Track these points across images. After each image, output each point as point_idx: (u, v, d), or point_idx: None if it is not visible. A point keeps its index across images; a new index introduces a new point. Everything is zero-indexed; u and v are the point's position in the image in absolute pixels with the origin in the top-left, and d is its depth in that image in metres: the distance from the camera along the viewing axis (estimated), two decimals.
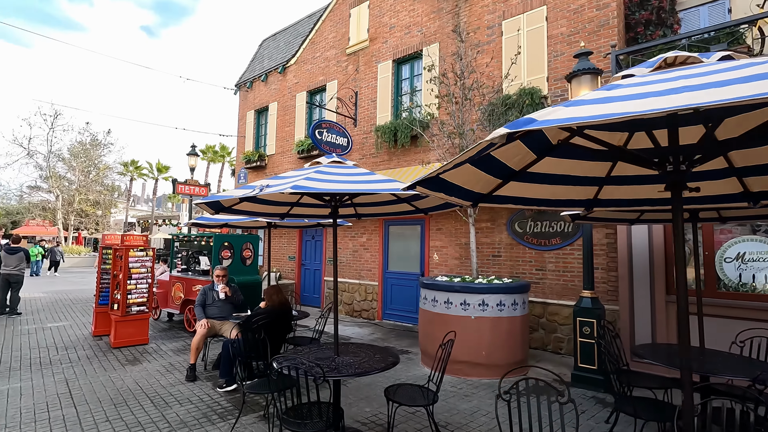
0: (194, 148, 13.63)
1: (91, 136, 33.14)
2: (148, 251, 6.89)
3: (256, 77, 13.14)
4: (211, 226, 6.76)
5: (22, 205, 37.10)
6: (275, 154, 12.14)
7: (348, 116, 9.92)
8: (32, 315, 9.04)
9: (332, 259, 10.45)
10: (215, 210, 3.77)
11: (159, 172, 38.83)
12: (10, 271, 8.67)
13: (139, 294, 6.71)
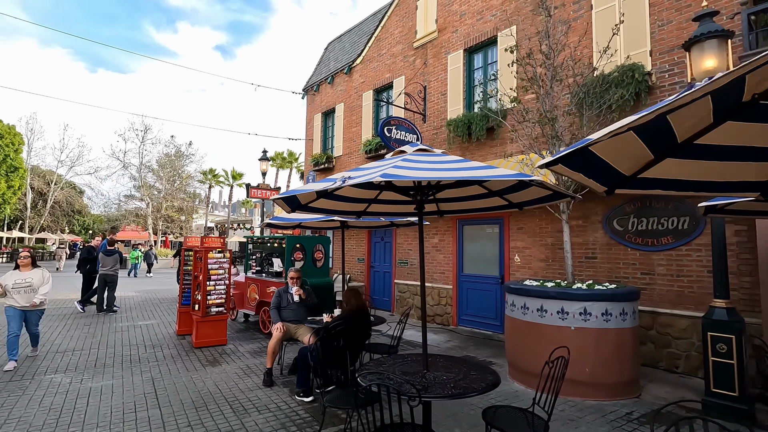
0: (265, 153, 14.04)
1: (175, 148, 36.07)
2: (226, 252, 6.99)
3: (322, 80, 13.22)
4: (284, 227, 6.69)
5: (120, 213, 41.38)
6: (342, 155, 12.07)
7: (417, 112, 9.51)
8: (126, 313, 9.69)
9: (403, 261, 10.13)
10: (291, 208, 3.53)
11: (234, 179, 41.26)
12: (107, 272, 9.36)
13: (217, 295, 6.81)
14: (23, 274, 5.58)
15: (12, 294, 5.44)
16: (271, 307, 5.56)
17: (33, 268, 5.69)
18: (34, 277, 5.60)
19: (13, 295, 5.45)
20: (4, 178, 31.32)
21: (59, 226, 43.43)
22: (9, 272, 5.60)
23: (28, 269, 5.65)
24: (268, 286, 7.87)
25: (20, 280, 5.50)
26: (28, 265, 5.66)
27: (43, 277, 5.71)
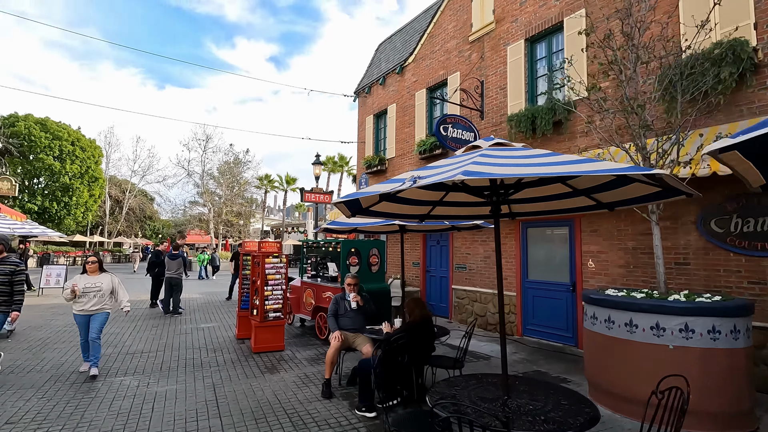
0: (318, 158, 14.14)
1: (234, 156, 37.81)
2: (282, 258, 6.94)
3: (373, 81, 13.07)
4: (340, 231, 6.51)
5: (185, 218, 44.11)
6: (395, 157, 11.81)
7: (474, 108, 9.03)
8: (190, 315, 10.04)
9: (460, 266, 9.66)
10: (352, 211, 3.28)
11: (287, 184, 42.57)
12: (172, 275, 9.76)
13: (275, 300, 6.77)
14: (92, 278, 5.42)
15: (80, 299, 5.28)
16: (328, 315, 5.38)
17: (101, 273, 5.55)
18: (103, 282, 5.45)
19: (81, 299, 5.28)
20: (87, 187, 34.44)
21: (133, 230, 47.14)
22: (77, 276, 5.48)
23: (96, 274, 5.50)
24: (323, 292, 7.76)
25: (90, 284, 5.36)
26: (96, 270, 5.51)
27: (113, 282, 5.56)
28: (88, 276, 5.45)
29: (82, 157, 33.50)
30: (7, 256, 5.17)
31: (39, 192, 31.53)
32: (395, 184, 2.48)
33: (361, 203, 3.27)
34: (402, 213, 3.84)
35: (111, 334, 7.71)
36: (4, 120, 30.68)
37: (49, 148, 31.28)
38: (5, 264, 5.07)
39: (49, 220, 31.83)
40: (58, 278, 12.96)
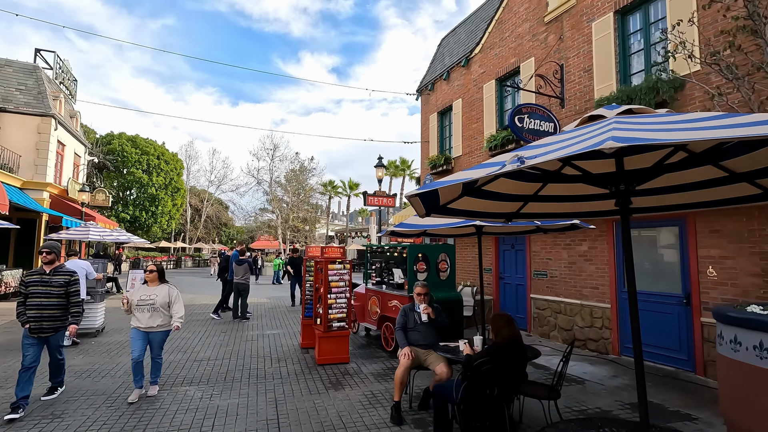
0: (381, 160, 13.73)
1: (299, 164, 39.02)
2: (346, 264, 6.54)
3: (437, 77, 12.43)
4: (407, 235, 5.95)
5: (256, 224, 46.37)
6: (462, 155, 11.06)
7: (553, 96, 8.06)
8: (257, 320, 10.05)
9: (540, 273, 8.67)
10: (427, 209, 2.70)
11: (350, 189, 43.08)
12: (239, 280, 9.83)
13: (338, 309, 6.37)
14: (149, 289, 4.85)
15: (134, 312, 4.76)
16: (397, 328, 4.83)
17: (160, 284, 4.94)
18: (158, 294, 4.79)
19: (136, 314, 4.75)
20: (170, 197, 37.37)
21: (210, 237, 50.52)
22: (138, 286, 5.00)
23: (155, 284, 4.93)
24: (389, 300, 7.24)
25: (145, 296, 4.77)
26: (155, 279, 4.95)
27: (170, 295, 4.85)
28: (147, 287, 4.90)
29: (166, 170, 36.42)
30: (61, 266, 4.65)
31: (131, 203, 34.73)
32: (490, 168, 1.86)
33: (440, 197, 2.68)
34: (484, 211, 3.18)
35: (182, 339, 7.81)
36: (101, 139, 34.28)
37: (138, 163, 34.37)
38: (59, 274, 4.55)
39: (139, 228, 34.93)
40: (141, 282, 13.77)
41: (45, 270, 4.53)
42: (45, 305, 4.41)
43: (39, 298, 4.40)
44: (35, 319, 4.36)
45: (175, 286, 5.03)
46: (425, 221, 4.29)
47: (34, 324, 4.35)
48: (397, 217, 12.74)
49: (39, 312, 4.38)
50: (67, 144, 18.14)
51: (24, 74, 16.39)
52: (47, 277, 4.49)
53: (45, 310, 4.40)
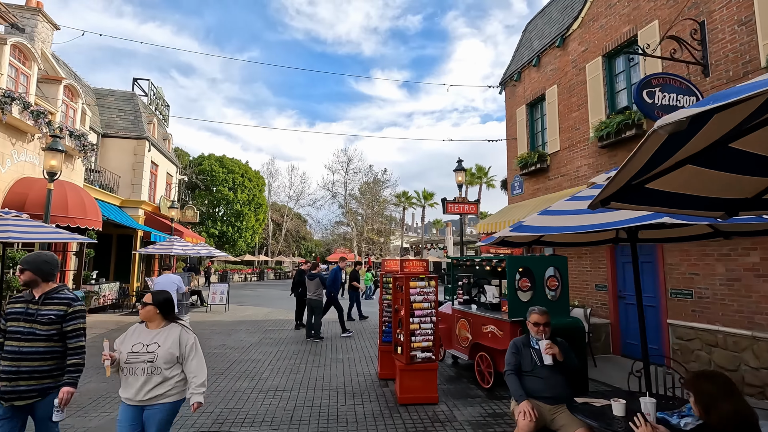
0: (460, 163, 12.45)
1: (373, 176, 38.92)
2: (431, 280, 5.38)
3: (524, 66, 10.92)
4: (520, 243, 4.61)
5: (332, 237, 47.10)
6: (560, 151, 9.39)
7: (691, 62, 6.25)
8: (331, 341, 9.23)
9: (682, 292, 6.69)
10: (621, 195, 1.46)
11: (425, 199, 41.94)
12: (311, 296, 9.12)
13: (423, 337, 5.21)
14: (146, 333, 2.86)
15: (122, 375, 2.78)
16: (507, 371, 3.54)
17: (165, 324, 2.92)
18: (162, 343, 2.79)
19: (124, 378, 2.78)
20: (253, 213, 39.28)
21: (291, 250, 52.43)
22: (134, 326, 2.97)
23: (156, 325, 2.90)
24: (483, 324, 5.92)
25: (139, 346, 2.78)
26: (155, 318, 2.89)
27: (181, 344, 2.84)
28: (143, 330, 2.90)
29: (249, 187, 38.39)
30: (56, 289, 2.90)
31: (219, 219, 37.04)
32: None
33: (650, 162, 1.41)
34: (701, 195, 1.82)
35: (250, 361, 7.18)
36: (193, 161, 37.17)
37: (225, 181, 36.64)
38: (52, 302, 2.83)
39: (226, 242, 37.06)
40: (222, 295, 13.87)
41: (34, 295, 2.84)
42: (25, 353, 2.70)
43: (18, 341, 2.71)
44: (8, 375, 2.67)
45: (190, 329, 3.00)
46: (547, 222, 3.00)
47: (6, 385, 2.67)
48: (483, 226, 11.32)
49: (15, 364, 2.68)
50: (160, 164, 19.39)
51: (123, 101, 17.84)
52: (34, 308, 2.79)
53: (24, 361, 2.69)
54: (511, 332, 5.40)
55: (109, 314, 12.78)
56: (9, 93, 9.01)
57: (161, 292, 3.03)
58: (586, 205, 2.98)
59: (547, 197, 9.49)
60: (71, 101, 12.29)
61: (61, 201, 9.95)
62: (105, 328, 10.31)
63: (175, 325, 2.93)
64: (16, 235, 5.64)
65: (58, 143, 8.37)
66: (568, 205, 3.01)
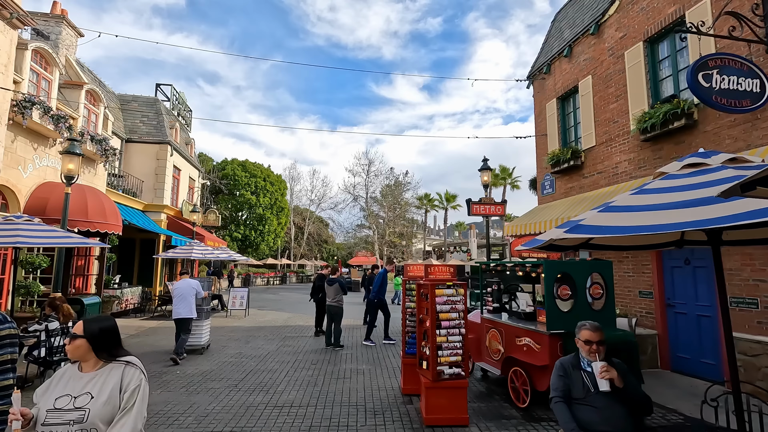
0: (486, 162, 11.86)
1: (394, 179, 38.47)
2: (459, 288, 4.86)
3: (554, 57, 10.26)
4: (565, 247, 4.05)
5: (354, 240, 46.86)
6: (596, 146, 8.70)
7: (753, 40, 5.53)
8: (352, 349, 8.80)
9: (745, 301, 5.79)
10: None
11: (447, 201, 41.18)
12: (330, 303, 8.71)
13: (451, 350, 4.69)
14: (79, 380, 1.98)
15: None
16: (553, 397, 3.00)
17: (103, 365, 2.03)
18: (96, 395, 1.92)
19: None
20: (275, 217, 39.44)
21: (313, 253, 52.49)
22: (62, 369, 2.10)
23: (91, 367, 2.03)
24: (517, 336, 5.36)
25: (64, 399, 1.91)
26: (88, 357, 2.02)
27: (122, 387, 1.96)
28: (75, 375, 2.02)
29: (271, 191, 38.59)
30: None
31: (242, 223, 37.34)
32: None
33: None
34: None
35: (267, 372, 6.81)
36: (217, 165, 37.64)
37: (247, 185, 36.93)
38: None
39: (249, 246, 37.30)
40: (242, 300, 13.66)
41: None
42: None
43: None
44: None
45: (139, 366, 2.12)
46: (612, 221, 2.45)
47: None
48: (511, 227, 10.68)
49: None
50: (183, 169, 19.49)
51: (146, 107, 18.01)
52: None
53: None
54: (549, 346, 4.83)
55: (130, 318, 12.75)
56: (30, 98, 9.01)
57: (98, 319, 2.12)
58: (659, 199, 2.43)
59: (582, 197, 8.81)
60: (93, 106, 12.36)
61: (81, 205, 9.91)
62: (124, 333, 10.19)
63: (116, 365, 2.03)
64: (26, 240, 5.46)
65: (76, 146, 8.27)
66: (635, 199, 2.47)
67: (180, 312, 7.58)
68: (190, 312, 7.64)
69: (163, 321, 12.36)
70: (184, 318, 7.58)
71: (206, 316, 8.48)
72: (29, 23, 8.54)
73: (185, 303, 7.61)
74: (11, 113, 8.76)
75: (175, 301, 7.70)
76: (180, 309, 7.58)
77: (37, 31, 12.42)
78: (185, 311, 7.58)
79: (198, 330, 8.23)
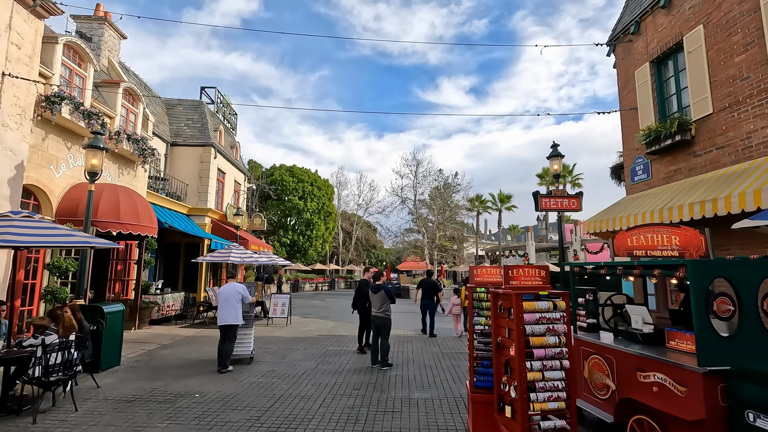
0: (556, 148, 10.08)
1: (443, 181, 36.64)
2: (557, 301, 3.33)
3: (645, 12, 8.34)
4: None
5: (402, 245, 45.49)
6: (714, 114, 6.73)
7: None
8: (403, 368, 7.40)
9: None
10: None
11: (501, 202, 38.75)
12: (375, 313, 7.37)
13: (550, 393, 3.17)
14: None
15: None
16: None
17: None
18: None
19: None
20: (323, 222, 39.03)
21: (361, 259, 51.74)
22: None
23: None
24: (639, 368, 3.71)
25: None
26: None
27: None
28: None
29: (319, 195, 38.24)
30: None
31: (290, 228, 37.25)
32: None
33: None
34: None
35: (299, 398, 5.57)
36: (266, 171, 37.92)
37: (295, 190, 36.81)
38: None
39: (297, 251, 37.10)
40: (283, 308, 12.73)
41: None
42: None
43: None
44: None
45: None
46: None
47: None
48: (591, 224, 8.81)
49: None
50: (227, 172, 19.16)
51: (190, 110, 17.85)
52: None
53: None
54: (705, 391, 3.16)
55: (170, 326, 12.18)
56: (60, 93, 8.55)
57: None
58: None
59: (694, 180, 6.86)
60: (132, 105, 12.00)
61: (113, 206, 9.35)
62: (157, 342, 9.49)
63: None
64: (14, 238, 4.63)
65: (99, 140, 7.61)
66: None
67: (226, 318, 6.97)
68: (236, 318, 7.01)
69: (202, 329, 11.66)
70: (229, 325, 6.98)
71: (251, 324, 7.78)
72: (55, 11, 8.06)
73: (231, 308, 7.03)
74: (39, 109, 8.32)
75: (220, 306, 7.08)
76: (225, 315, 6.99)
77: (80, 33, 12.32)
78: (231, 317, 6.99)
79: (244, 339, 7.56)
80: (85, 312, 6.85)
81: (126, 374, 6.78)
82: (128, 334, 10.35)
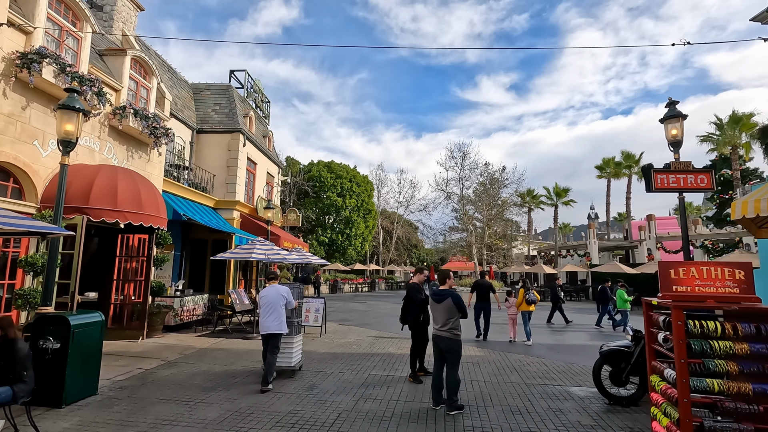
0: (673, 106, 7.44)
1: (489, 176, 33.59)
2: None
3: None
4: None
5: (446, 244, 42.82)
6: None
7: None
8: (479, 412, 5.09)
9: None
10: None
11: (558, 196, 35.21)
12: (439, 332, 5.08)
13: None
14: None
15: None
16: None
17: None
18: None
19: None
20: (362, 219, 37.19)
21: (402, 259, 49.52)
22: None
23: None
24: None
25: None
26: None
27: None
28: None
29: (358, 192, 36.45)
30: None
31: (328, 226, 35.70)
32: None
33: None
34: None
35: None
36: (303, 168, 36.61)
37: (333, 187, 35.20)
38: None
39: (336, 250, 35.47)
40: (317, 314, 10.75)
41: None
42: None
43: None
44: None
45: None
46: None
47: None
48: (750, 205, 6.12)
49: None
50: (259, 162, 17.58)
51: (218, 95, 16.39)
52: None
53: None
54: None
55: (188, 333, 10.52)
56: (40, 50, 6.96)
57: None
58: None
59: None
60: (144, 80, 10.45)
61: (108, 190, 7.69)
62: (161, 358, 7.71)
63: None
64: None
65: (75, 99, 5.88)
66: None
67: (269, 326, 6.10)
68: (280, 326, 6.15)
69: (222, 338, 9.89)
70: (273, 334, 6.11)
71: (296, 331, 6.78)
72: None
73: (275, 315, 6.15)
74: (14, 68, 6.75)
75: (262, 312, 6.20)
76: (269, 322, 6.12)
77: (90, 3, 10.95)
78: (275, 325, 6.12)
79: (288, 348, 6.67)
80: (44, 324, 5.09)
81: (97, 411, 4.92)
82: (133, 345, 8.70)
